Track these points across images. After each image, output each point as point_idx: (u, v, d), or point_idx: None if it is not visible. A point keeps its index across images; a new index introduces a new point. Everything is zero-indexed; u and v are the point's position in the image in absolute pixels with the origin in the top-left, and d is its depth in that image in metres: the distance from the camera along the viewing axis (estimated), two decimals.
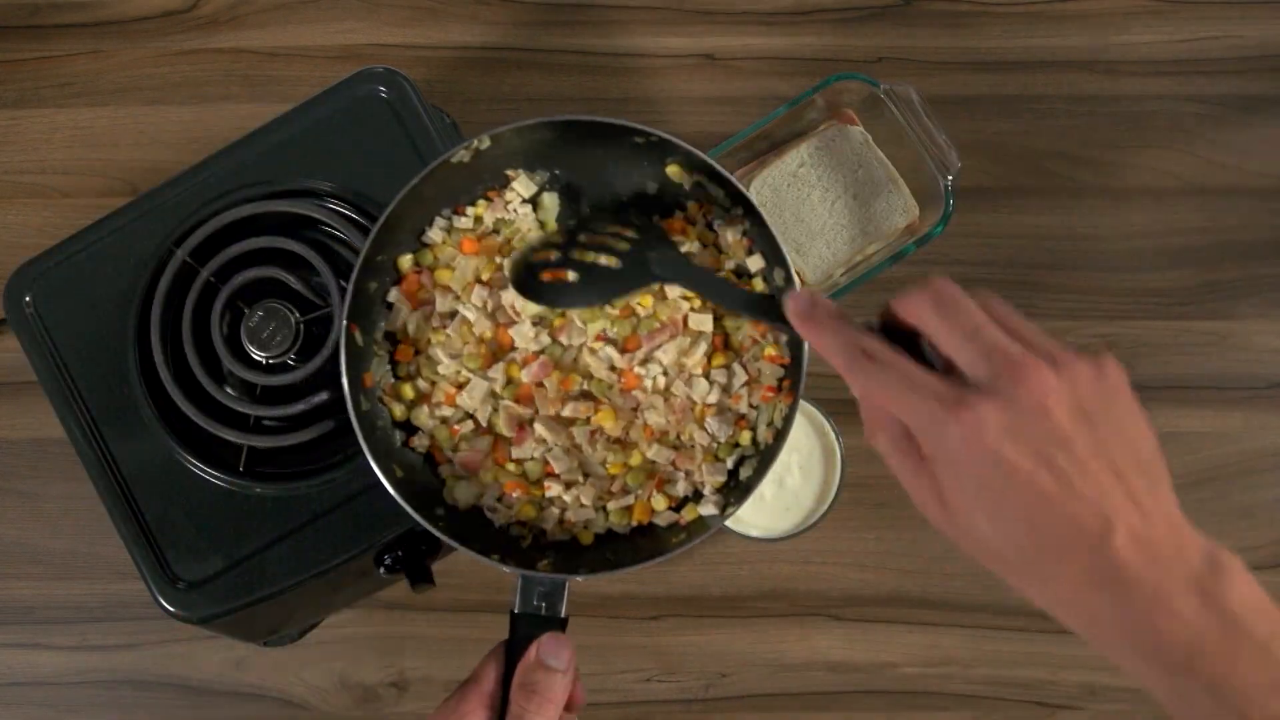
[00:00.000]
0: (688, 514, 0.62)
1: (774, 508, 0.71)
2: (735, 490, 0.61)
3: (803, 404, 0.71)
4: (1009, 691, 0.78)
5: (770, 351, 0.62)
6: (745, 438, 0.62)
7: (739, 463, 0.62)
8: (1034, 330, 0.44)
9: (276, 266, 0.68)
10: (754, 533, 0.71)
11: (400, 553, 0.68)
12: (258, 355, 0.67)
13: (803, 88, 0.76)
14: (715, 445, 0.62)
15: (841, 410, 0.75)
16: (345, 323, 0.60)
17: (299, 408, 0.66)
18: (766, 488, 0.71)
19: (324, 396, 0.66)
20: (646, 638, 0.78)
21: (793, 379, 0.61)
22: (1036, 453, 0.41)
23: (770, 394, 0.61)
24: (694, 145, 0.60)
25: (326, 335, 0.66)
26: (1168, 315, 0.81)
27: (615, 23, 0.84)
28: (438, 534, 0.59)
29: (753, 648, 0.78)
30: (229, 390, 0.68)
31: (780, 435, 0.60)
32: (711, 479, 0.62)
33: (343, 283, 0.67)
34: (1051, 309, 0.81)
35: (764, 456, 0.61)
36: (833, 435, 0.71)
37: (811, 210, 0.78)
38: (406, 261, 0.63)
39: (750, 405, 0.62)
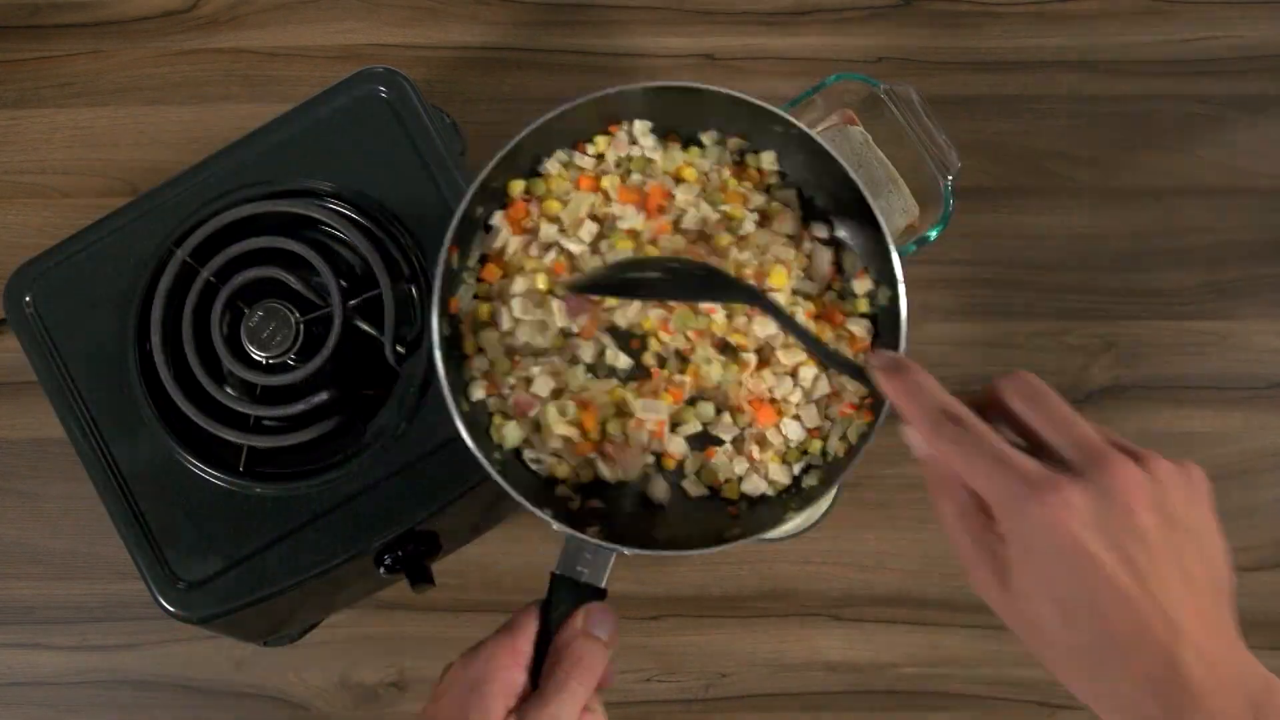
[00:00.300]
0: (729, 490, 0.61)
1: None
2: (796, 497, 0.60)
3: None
4: (1009, 691, 0.78)
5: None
6: (815, 446, 0.61)
7: (804, 470, 0.61)
8: (1113, 434, 0.43)
9: (276, 266, 0.68)
10: None
11: (400, 553, 0.68)
12: (258, 355, 0.67)
13: (803, 88, 0.76)
14: (786, 447, 0.61)
15: None
16: (447, 245, 0.58)
17: (299, 408, 0.66)
18: None
19: (324, 396, 0.66)
20: (646, 638, 0.78)
21: (874, 398, 0.59)
22: (1118, 547, 0.40)
23: (850, 410, 0.60)
24: None
25: (327, 335, 0.66)
26: (1168, 315, 0.81)
27: (615, 23, 0.84)
28: (495, 477, 0.57)
29: (753, 648, 0.78)
30: (229, 390, 0.68)
31: (853, 451, 0.59)
32: (776, 479, 0.61)
33: (343, 282, 0.67)
34: (1051, 309, 0.81)
35: (830, 469, 0.60)
36: None
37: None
38: (518, 186, 0.62)
39: (826, 417, 0.61)
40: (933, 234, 0.74)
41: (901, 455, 0.80)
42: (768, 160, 0.63)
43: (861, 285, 0.61)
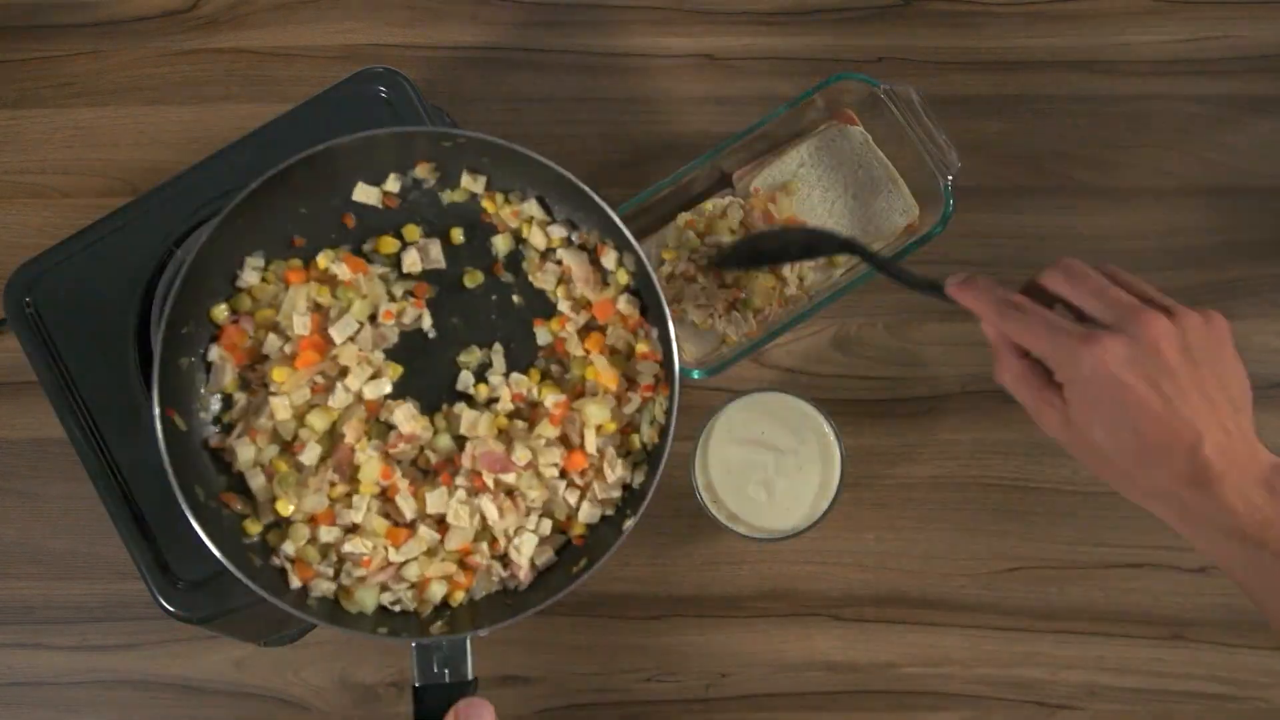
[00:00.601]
0: (576, 529, 0.62)
1: (774, 508, 0.71)
2: (630, 502, 0.61)
3: (802, 404, 0.71)
4: (1009, 691, 0.77)
5: (642, 349, 0.62)
6: (634, 441, 0.62)
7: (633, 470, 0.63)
8: (1152, 289, 0.56)
9: None
10: (754, 533, 0.71)
11: None
12: None
13: (803, 88, 0.76)
14: (609, 464, 0.62)
15: (841, 410, 0.75)
16: (157, 410, 0.57)
17: None
18: (766, 489, 0.71)
19: None
20: (646, 638, 0.78)
21: (668, 371, 0.61)
22: (1148, 379, 0.52)
23: (649, 391, 0.62)
24: (694, 145, 0.60)
25: None
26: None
27: (615, 23, 0.84)
28: (310, 619, 0.56)
29: (753, 648, 0.78)
30: None
31: (665, 431, 0.60)
32: (609, 497, 0.62)
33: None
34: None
35: (653, 458, 0.61)
36: (832, 435, 0.71)
37: (811, 210, 0.78)
38: (221, 312, 0.62)
39: (626, 415, 0.63)
40: (934, 233, 0.74)
41: (902, 455, 0.80)
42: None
43: (609, 259, 0.63)
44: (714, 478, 0.71)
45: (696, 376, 0.72)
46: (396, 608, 0.60)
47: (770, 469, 0.71)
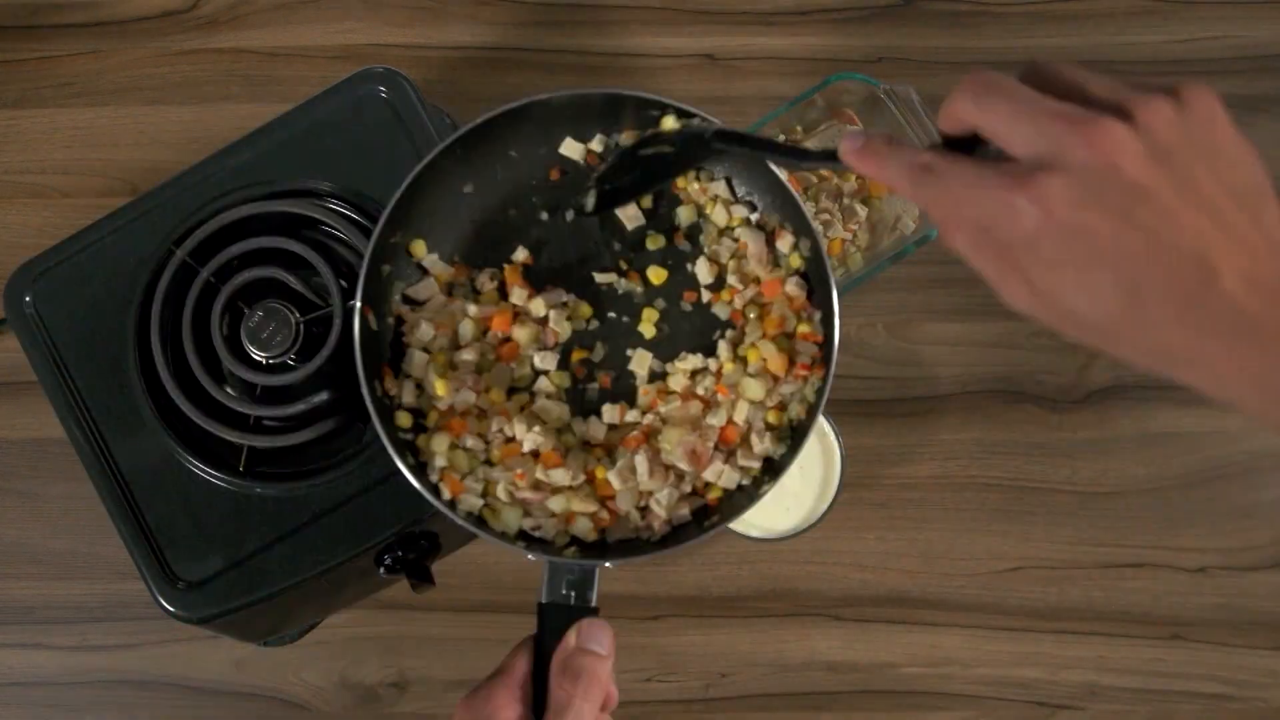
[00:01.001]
0: (713, 493, 0.62)
1: (774, 508, 0.71)
2: (767, 473, 0.61)
3: None
4: (1009, 691, 0.77)
5: (804, 329, 0.62)
6: (782, 418, 0.62)
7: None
8: (1104, 83, 0.40)
9: (276, 266, 0.68)
10: (754, 533, 0.71)
11: (400, 553, 0.68)
12: (258, 355, 0.67)
13: (803, 88, 0.76)
14: (754, 429, 0.62)
15: (842, 410, 0.75)
16: (359, 305, 0.59)
17: (299, 408, 0.66)
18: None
19: (324, 396, 0.66)
20: (646, 638, 0.78)
21: (825, 354, 0.61)
22: (1114, 212, 0.38)
23: (804, 371, 0.62)
24: None
25: (327, 335, 0.66)
26: None
27: (615, 23, 0.84)
28: (460, 521, 0.57)
29: (753, 648, 0.78)
30: (229, 390, 0.68)
31: (813, 410, 0.60)
32: (749, 467, 0.61)
33: (343, 282, 0.67)
34: None
35: (796, 434, 0.61)
36: (833, 435, 0.71)
37: (811, 209, 0.78)
38: (421, 247, 0.64)
39: (780, 391, 0.62)
40: (933, 234, 0.74)
41: (902, 455, 0.80)
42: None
43: (785, 242, 0.64)
44: None
45: None
46: (537, 533, 0.61)
47: None
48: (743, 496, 0.62)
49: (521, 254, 0.65)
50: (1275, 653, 0.77)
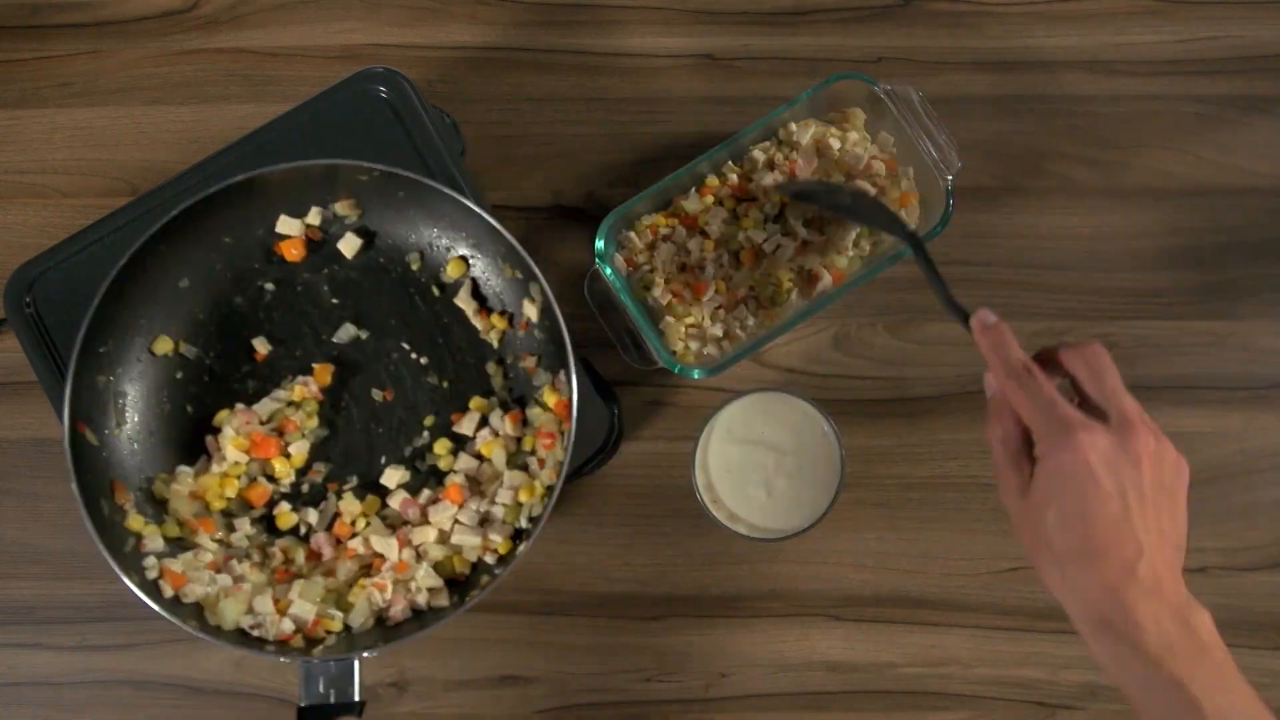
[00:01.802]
0: (501, 548, 0.65)
1: (774, 508, 0.71)
2: (524, 538, 0.63)
3: (802, 404, 0.71)
4: (1009, 691, 0.77)
5: (555, 400, 0.66)
6: (536, 490, 0.65)
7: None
8: (1147, 416, 0.57)
9: None
10: (754, 533, 0.71)
11: None
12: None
13: (803, 88, 0.76)
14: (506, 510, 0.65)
15: (842, 410, 0.75)
16: (67, 425, 0.59)
17: None
18: (766, 489, 0.71)
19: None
20: (646, 638, 0.78)
21: (569, 421, 0.63)
22: (1119, 484, 0.54)
23: (549, 440, 0.65)
24: (694, 145, 0.60)
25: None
26: (1168, 315, 0.81)
27: (615, 23, 0.84)
28: (213, 640, 0.57)
29: (753, 648, 0.78)
30: None
31: (562, 468, 0.62)
32: (502, 541, 0.65)
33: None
34: (1051, 309, 0.81)
35: (549, 492, 0.63)
36: (833, 436, 0.71)
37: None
38: (165, 344, 0.65)
39: (527, 469, 0.66)
40: (935, 233, 0.74)
41: (902, 455, 0.80)
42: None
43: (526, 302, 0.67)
44: (714, 478, 0.71)
45: (697, 376, 0.72)
46: (255, 632, 0.61)
47: (770, 469, 0.71)
48: (500, 564, 0.63)
49: (263, 346, 0.67)
50: (1275, 653, 0.77)
